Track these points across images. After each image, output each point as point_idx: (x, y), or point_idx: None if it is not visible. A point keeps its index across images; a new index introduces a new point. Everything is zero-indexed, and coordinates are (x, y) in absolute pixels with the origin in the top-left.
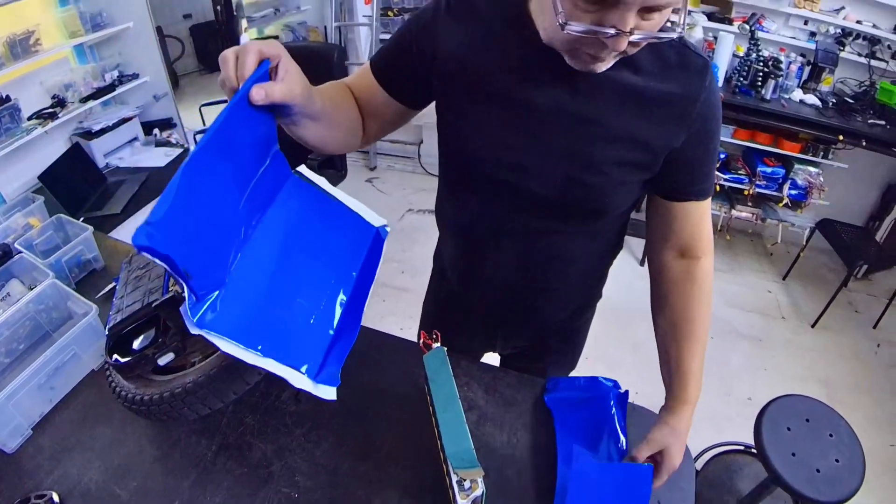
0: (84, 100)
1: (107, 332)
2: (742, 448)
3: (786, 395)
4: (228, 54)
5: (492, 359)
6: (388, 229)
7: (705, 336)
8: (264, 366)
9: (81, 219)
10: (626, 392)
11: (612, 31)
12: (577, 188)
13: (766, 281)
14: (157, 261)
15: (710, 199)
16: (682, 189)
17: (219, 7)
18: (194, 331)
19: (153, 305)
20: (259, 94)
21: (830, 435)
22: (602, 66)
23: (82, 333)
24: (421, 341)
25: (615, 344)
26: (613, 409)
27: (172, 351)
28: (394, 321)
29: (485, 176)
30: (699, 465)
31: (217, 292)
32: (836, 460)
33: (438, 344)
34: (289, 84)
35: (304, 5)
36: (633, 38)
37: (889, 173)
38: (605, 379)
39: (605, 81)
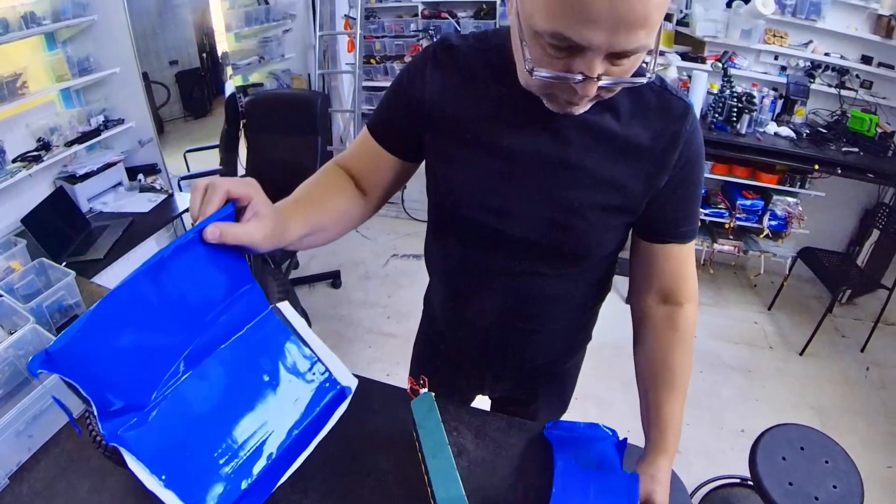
0: (69, 144)
1: None
2: (739, 481)
3: (779, 425)
4: (199, 185)
5: (483, 402)
6: (352, 389)
7: (685, 385)
8: (163, 497)
9: (64, 263)
10: (625, 440)
11: (580, 76)
12: (558, 232)
13: (751, 312)
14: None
15: (693, 241)
16: (664, 231)
17: (204, 54)
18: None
19: None
20: (213, 233)
21: (826, 462)
22: (578, 109)
23: (62, 380)
24: (408, 387)
25: (604, 382)
26: (613, 452)
27: None
28: (380, 367)
29: (468, 220)
30: (696, 500)
31: (135, 414)
32: (834, 486)
33: (426, 389)
34: (252, 228)
35: (288, 53)
36: (602, 83)
37: (865, 198)
38: (604, 426)
39: (585, 126)
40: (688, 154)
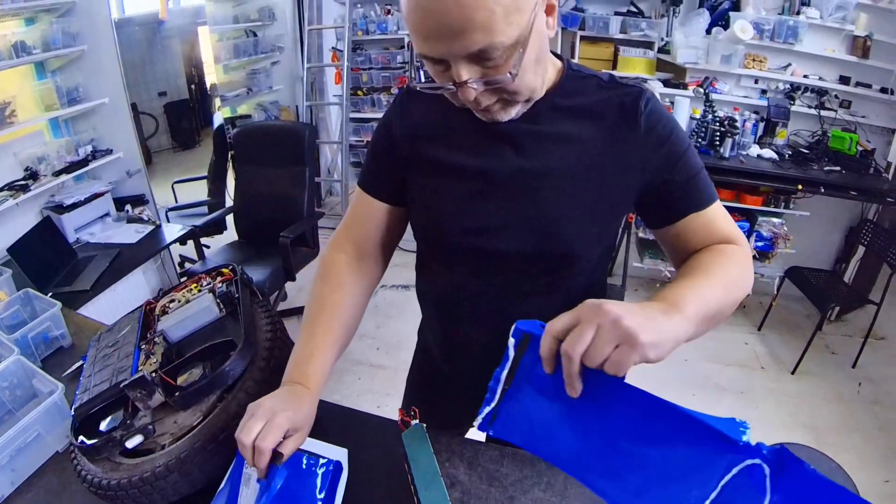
0: (57, 173)
1: (73, 413)
2: None
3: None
4: (253, 427)
5: (478, 432)
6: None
7: (733, 284)
8: None
9: (50, 294)
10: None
11: (450, 85)
12: (540, 237)
13: (742, 333)
14: None
15: (715, 203)
16: (679, 209)
17: (193, 86)
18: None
19: (121, 385)
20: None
21: None
22: (501, 115)
23: (47, 413)
24: (399, 419)
25: None
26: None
27: (141, 433)
28: (371, 399)
29: (452, 245)
30: None
31: None
32: None
33: (417, 420)
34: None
35: (277, 85)
36: (470, 85)
37: (849, 216)
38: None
39: (542, 134)
40: (657, 131)
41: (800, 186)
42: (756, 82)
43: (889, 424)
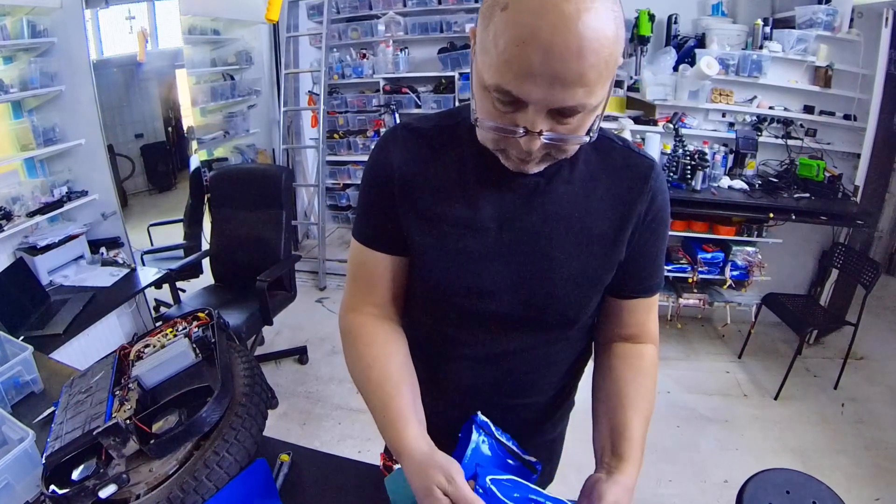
0: (31, 214)
1: (44, 461)
2: None
3: (762, 471)
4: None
5: None
6: None
7: (650, 410)
8: None
9: (21, 338)
10: None
11: (521, 130)
12: (538, 306)
13: (722, 362)
14: None
15: (658, 294)
16: (631, 287)
17: (170, 128)
18: None
19: (94, 433)
20: None
21: (814, 502)
22: (531, 167)
23: (17, 461)
24: (381, 463)
25: (581, 446)
26: None
27: (115, 482)
28: (351, 444)
29: (441, 302)
30: None
31: None
32: None
33: (399, 465)
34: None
35: (253, 128)
36: (544, 138)
37: (821, 240)
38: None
39: (555, 191)
40: (654, 208)
41: (771, 215)
42: (724, 116)
43: (875, 443)
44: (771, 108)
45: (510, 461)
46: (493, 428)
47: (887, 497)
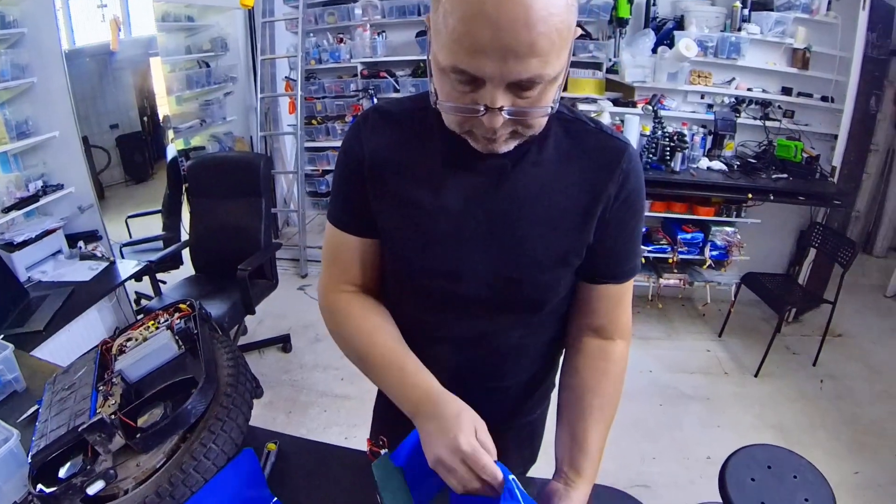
0: (6, 210)
1: (29, 460)
2: None
3: (744, 447)
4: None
5: None
6: None
7: (612, 416)
8: None
9: (1, 336)
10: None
11: (482, 108)
12: (512, 287)
13: (703, 341)
14: None
15: (630, 281)
16: (602, 271)
17: (145, 118)
18: None
19: (80, 430)
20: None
21: (795, 476)
22: (501, 146)
23: (2, 461)
24: (368, 449)
25: None
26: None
27: (102, 478)
28: (338, 431)
29: (420, 287)
30: None
31: None
32: (806, 500)
33: (386, 450)
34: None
35: (230, 116)
36: (505, 113)
37: (800, 220)
38: None
39: (520, 175)
40: (626, 191)
41: (750, 195)
42: (702, 97)
43: (853, 418)
44: (749, 89)
45: None
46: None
47: (866, 470)
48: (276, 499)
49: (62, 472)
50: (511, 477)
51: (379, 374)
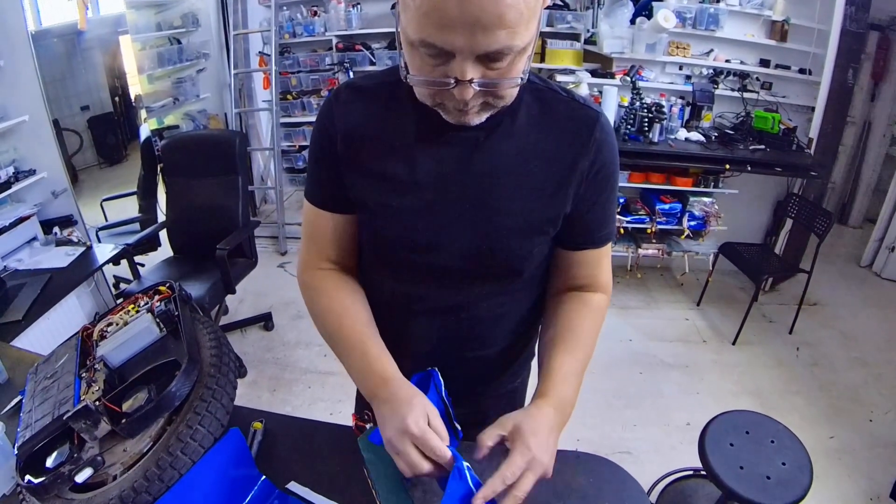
0: None
1: (16, 452)
2: (692, 472)
3: (723, 413)
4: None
5: None
6: None
7: (585, 354)
8: None
9: None
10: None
11: (452, 81)
12: (487, 257)
13: (682, 310)
14: None
15: (608, 244)
16: (580, 239)
17: (117, 98)
18: None
19: (64, 418)
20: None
21: (772, 441)
22: (473, 118)
23: None
24: (353, 424)
25: None
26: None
27: (90, 465)
28: (323, 407)
29: (396, 258)
30: (654, 497)
31: None
32: (783, 464)
33: (371, 424)
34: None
35: (204, 93)
36: (475, 85)
37: (776, 191)
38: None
39: (493, 146)
40: (600, 160)
41: (727, 166)
42: (681, 69)
43: (828, 384)
44: (727, 61)
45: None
46: (443, 387)
47: (841, 435)
48: (264, 477)
49: (49, 462)
50: (465, 465)
51: (343, 356)
